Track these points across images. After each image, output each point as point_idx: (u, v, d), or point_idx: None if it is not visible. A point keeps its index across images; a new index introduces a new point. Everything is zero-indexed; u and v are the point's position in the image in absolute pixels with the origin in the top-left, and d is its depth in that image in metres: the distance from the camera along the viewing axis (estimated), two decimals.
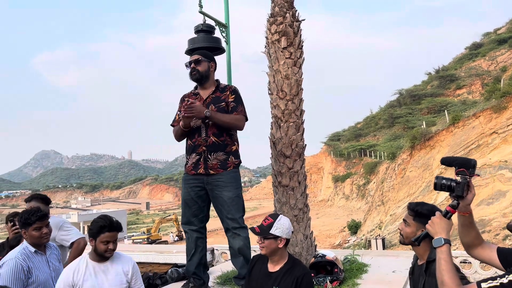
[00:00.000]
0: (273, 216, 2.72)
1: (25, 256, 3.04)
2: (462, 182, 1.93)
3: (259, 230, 2.64)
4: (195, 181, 3.73)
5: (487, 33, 64.04)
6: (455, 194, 1.94)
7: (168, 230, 57.27)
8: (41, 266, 3.12)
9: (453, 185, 1.94)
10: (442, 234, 1.96)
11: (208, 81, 3.82)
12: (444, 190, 1.97)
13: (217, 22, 6.23)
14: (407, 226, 2.47)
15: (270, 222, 2.65)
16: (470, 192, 1.95)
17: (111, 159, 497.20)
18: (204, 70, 3.78)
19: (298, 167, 4.45)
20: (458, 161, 1.97)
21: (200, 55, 3.83)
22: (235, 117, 3.70)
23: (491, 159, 22.53)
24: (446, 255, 1.90)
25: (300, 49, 4.60)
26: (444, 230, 1.97)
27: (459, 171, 1.96)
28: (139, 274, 3.12)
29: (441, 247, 1.93)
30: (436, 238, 1.96)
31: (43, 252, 3.18)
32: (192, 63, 3.79)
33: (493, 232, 18.78)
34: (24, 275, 2.98)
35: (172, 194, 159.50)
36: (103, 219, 2.85)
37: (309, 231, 4.53)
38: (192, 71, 3.79)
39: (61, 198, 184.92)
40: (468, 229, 2.07)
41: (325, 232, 36.42)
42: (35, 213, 3.12)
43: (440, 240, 1.94)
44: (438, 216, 2.00)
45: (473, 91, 47.29)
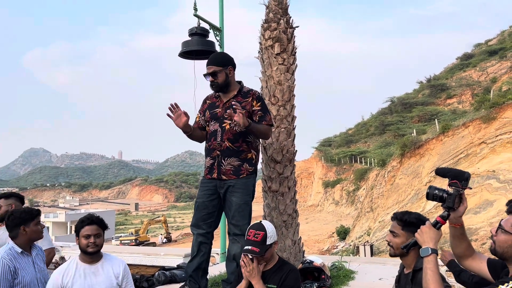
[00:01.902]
0: (260, 228, 2.66)
1: (11, 257, 3.01)
2: (454, 193, 1.95)
3: (258, 250, 2.59)
4: (209, 185, 3.68)
5: (478, 44, 64.98)
6: (446, 205, 1.97)
7: (156, 231, 56.92)
8: (27, 266, 3.08)
9: (445, 196, 1.97)
10: (430, 243, 1.97)
11: (229, 87, 3.69)
12: (436, 200, 2.00)
13: (211, 25, 6.26)
14: (396, 237, 2.43)
15: (263, 235, 2.62)
16: (462, 205, 1.97)
17: (101, 158, 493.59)
18: (223, 80, 3.64)
19: (289, 173, 4.46)
20: (451, 172, 1.99)
21: (215, 66, 3.63)
22: (267, 129, 3.66)
23: (479, 168, 22.77)
24: (433, 265, 1.91)
25: (293, 55, 4.63)
26: (432, 240, 1.98)
27: (452, 182, 1.98)
28: (130, 277, 3.10)
29: (428, 256, 1.94)
30: (423, 247, 1.97)
31: (28, 253, 3.15)
32: (210, 76, 3.64)
33: (480, 241, 18.97)
34: (11, 275, 2.95)
35: (161, 196, 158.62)
36: (85, 216, 2.90)
37: (298, 236, 4.54)
38: (212, 84, 3.66)
39: (48, 196, 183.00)
40: (459, 240, 2.10)
41: (314, 237, 36.47)
42: (33, 209, 3.16)
43: (427, 250, 1.95)
44: (428, 225, 2.01)
45: (463, 101, 47.80)
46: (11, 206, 3.69)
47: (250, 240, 2.64)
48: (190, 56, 6.09)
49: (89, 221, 2.85)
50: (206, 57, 6.19)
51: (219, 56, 3.82)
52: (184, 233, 51.43)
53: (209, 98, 3.84)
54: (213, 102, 3.77)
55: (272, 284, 2.63)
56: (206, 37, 6.07)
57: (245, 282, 2.67)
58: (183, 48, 5.98)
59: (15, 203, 3.73)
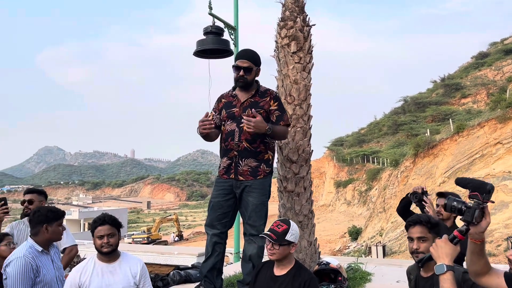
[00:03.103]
0: (286, 222, 2.69)
1: (33, 255, 3.01)
2: (473, 207, 1.79)
3: (275, 237, 2.61)
4: (224, 185, 3.63)
5: (494, 42, 63.96)
6: (464, 219, 1.81)
7: (168, 230, 57.26)
8: (48, 265, 3.10)
9: (464, 209, 1.81)
10: (445, 260, 1.84)
11: (251, 86, 3.66)
12: (454, 213, 1.85)
13: (226, 24, 6.23)
14: (425, 242, 2.34)
15: (285, 229, 2.63)
16: (484, 219, 1.81)
17: (114, 157, 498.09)
18: (252, 79, 3.61)
19: (304, 173, 4.41)
20: (472, 183, 1.83)
21: (251, 62, 3.57)
22: (284, 131, 3.64)
23: (495, 169, 22.43)
24: (450, 284, 1.79)
25: (309, 54, 4.58)
26: (448, 256, 1.84)
27: (472, 194, 1.82)
28: (148, 276, 3.09)
29: (444, 274, 1.81)
30: (438, 264, 1.84)
31: (47, 251, 3.16)
32: (242, 70, 3.55)
33: (495, 243, 18.67)
34: (33, 273, 2.95)
35: (173, 194, 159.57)
36: (98, 216, 2.90)
37: (313, 237, 4.49)
38: (240, 78, 3.57)
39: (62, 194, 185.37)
40: (478, 257, 1.94)
41: (325, 238, 36.30)
42: (59, 210, 3.17)
43: (442, 267, 1.82)
44: (444, 240, 1.88)
45: (478, 101, 47.15)
46: (42, 203, 3.75)
47: (271, 228, 2.66)
48: (204, 55, 6.08)
49: (101, 221, 2.85)
50: (221, 56, 6.22)
51: (254, 54, 3.68)
52: (196, 232, 51.64)
53: (225, 97, 3.76)
54: (230, 101, 3.69)
55: None
56: (221, 35, 6.04)
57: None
58: (198, 47, 5.96)
59: (44, 201, 3.81)
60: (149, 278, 3.10)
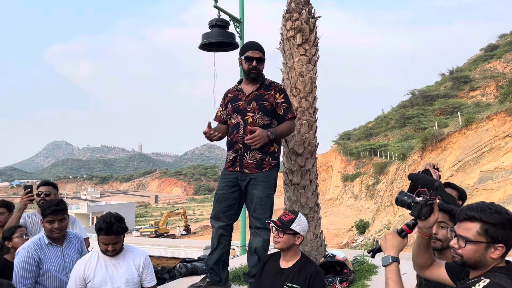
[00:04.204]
0: (293, 213, 2.71)
1: (37, 247, 3.05)
2: (421, 203, 1.85)
3: (280, 224, 2.63)
4: (230, 177, 3.65)
5: (503, 34, 63.13)
6: (412, 213, 1.87)
7: (176, 223, 57.56)
8: (54, 258, 3.12)
9: (412, 204, 1.87)
10: (392, 252, 1.89)
11: (259, 78, 3.67)
12: (404, 207, 1.91)
13: (231, 17, 6.21)
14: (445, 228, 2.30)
15: (291, 218, 2.65)
16: (433, 215, 1.87)
17: (121, 151, 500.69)
18: (262, 70, 3.64)
19: (310, 166, 4.40)
20: (422, 180, 1.93)
21: (262, 53, 3.61)
22: (290, 126, 3.63)
23: (504, 162, 22.22)
24: (394, 275, 1.84)
25: (315, 46, 4.55)
26: (395, 248, 1.89)
27: (421, 190, 1.89)
28: (151, 267, 3.11)
29: (389, 265, 1.86)
30: (385, 255, 1.90)
31: (59, 244, 3.19)
32: (255, 60, 3.57)
33: None
34: (36, 265, 2.99)
35: (181, 188, 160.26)
36: (105, 220, 2.79)
37: (319, 230, 4.49)
38: (253, 69, 3.58)
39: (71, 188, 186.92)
40: (424, 250, 2.00)
41: (332, 231, 36.31)
42: (50, 206, 3.11)
43: (388, 259, 1.87)
44: (393, 232, 1.94)
45: (487, 93, 46.66)
46: (56, 196, 3.82)
47: (279, 217, 2.69)
48: (210, 48, 6.06)
49: (106, 231, 2.77)
50: (226, 49, 6.20)
51: (261, 46, 3.72)
52: (203, 225, 51.87)
53: (231, 92, 3.80)
54: (235, 95, 3.72)
55: (296, 284, 2.58)
56: (227, 28, 6.03)
57: None
58: (204, 40, 5.95)
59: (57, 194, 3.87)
60: (153, 270, 3.12)
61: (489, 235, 1.65)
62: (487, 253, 1.66)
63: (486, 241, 1.66)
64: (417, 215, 1.86)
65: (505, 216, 1.65)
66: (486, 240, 1.66)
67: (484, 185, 22.00)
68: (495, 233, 1.64)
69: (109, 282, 2.88)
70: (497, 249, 1.65)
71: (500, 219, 1.64)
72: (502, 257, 1.68)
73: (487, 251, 1.66)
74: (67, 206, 3.32)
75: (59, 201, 3.25)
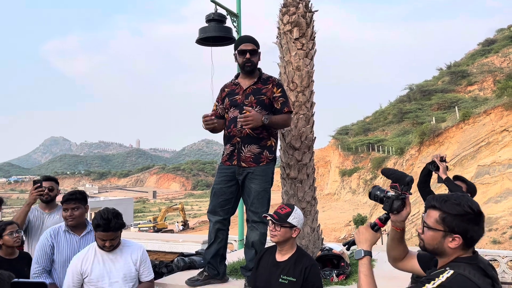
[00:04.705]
0: (290, 206, 2.73)
1: (54, 233, 3.24)
2: (391, 197, 1.88)
3: (277, 217, 2.65)
4: (227, 171, 3.64)
5: (501, 29, 63.11)
6: (383, 208, 1.90)
7: (174, 219, 57.62)
8: (67, 245, 3.24)
9: (384, 199, 1.90)
10: (364, 245, 1.91)
11: (255, 71, 3.66)
12: (377, 201, 1.94)
13: (228, 11, 6.19)
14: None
15: (288, 211, 2.67)
16: (405, 209, 1.90)
17: (119, 147, 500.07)
18: (257, 62, 3.62)
19: (307, 160, 4.41)
20: (394, 175, 1.92)
21: (254, 45, 3.59)
22: (285, 118, 3.62)
23: (501, 157, 22.32)
24: (366, 269, 1.85)
25: (312, 40, 4.54)
26: (367, 242, 1.91)
27: (393, 185, 1.91)
28: (149, 261, 3.11)
29: (362, 259, 1.88)
30: (358, 249, 1.91)
31: (76, 233, 3.31)
32: (248, 53, 3.55)
33: (500, 230, 18.65)
34: (50, 250, 3.19)
35: (179, 184, 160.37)
36: (102, 216, 2.80)
37: (316, 224, 4.51)
38: (247, 62, 3.56)
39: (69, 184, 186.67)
40: (397, 243, 2.03)
41: (330, 226, 36.41)
42: (65, 196, 3.30)
43: (360, 253, 1.89)
44: (366, 226, 1.95)
45: (485, 88, 46.71)
46: (59, 191, 3.95)
47: (275, 210, 2.70)
48: (207, 43, 6.05)
49: (104, 227, 2.79)
50: (223, 44, 6.19)
51: (254, 38, 3.71)
52: (201, 221, 51.95)
53: (228, 86, 3.79)
54: (233, 90, 3.71)
55: (291, 277, 2.59)
56: (223, 23, 6.01)
57: None
58: (200, 35, 5.94)
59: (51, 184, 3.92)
60: (150, 264, 3.13)
61: (446, 224, 1.67)
62: (445, 241, 1.68)
63: (443, 229, 1.68)
64: (389, 209, 1.89)
65: (465, 209, 1.65)
66: (443, 228, 1.68)
67: (481, 179, 22.09)
68: (451, 223, 1.66)
69: (106, 277, 2.89)
70: (454, 239, 1.67)
71: (459, 211, 1.66)
72: (466, 248, 1.69)
73: (444, 239, 1.68)
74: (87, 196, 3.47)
75: (76, 191, 3.40)
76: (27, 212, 3.67)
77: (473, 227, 1.66)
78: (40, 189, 3.69)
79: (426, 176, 3.93)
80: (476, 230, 1.67)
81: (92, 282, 2.87)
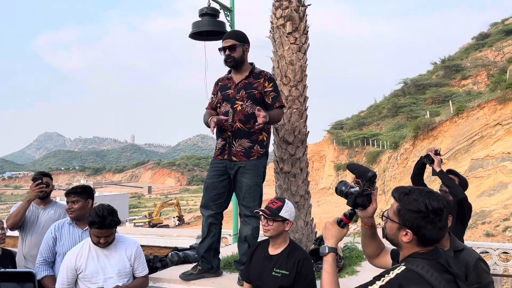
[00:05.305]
0: (281, 200, 2.75)
1: (58, 226, 3.34)
2: (354, 193, 1.85)
3: (269, 212, 2.66)
4: (219, 166, 3.65)
5: (495, 23, 63.29)
6: (347, 203, 1.88)
7: (169, 214, 57.61)
8: (69, 238, 3.30)
9: (348, 194, 1.87)
10: (329, 241, 1.88)
11: (243, 65, 3.65)
12: (342, 197, 1.91)
13: (221, 5, 6.17)
14: None
15: (279, 205, 2.68)
16: (371, 205, 1.87)
17: (114, 142, 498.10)
18: (240, 56, 3.60)
19: (300, 154, 4.42)
20: (358, 170, 1.89)
21: (234, 40, 3.59)
22: (279, 113, 3.63)
23: (494, 150, 22.46)
24: (329, 266, 1.82)
25: (305, 34, 4.54)
26: (333, 238, 1.88)
27: (356, 181, 1.88)
28: (143, 257, 3.12)
29: (325, 256, 1.85)
30: (323, 245, 1.88)
31: (79, 227, 3.36)
32: (227, 49, 3.57)
33: (493, 223, 18.81)
34: (53, 242, 3.28)
35: (174, 179, 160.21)
36: (98, 213, 2.80)
37: (310, 218, 4.53)
38: (227, 58, 3.59)
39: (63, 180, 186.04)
40: (369, 240, 2.01)
41: (325, 220, 36.43)
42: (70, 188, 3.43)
43: (325, 249, 1.86)
44: (332, 222, 1.93)
45: (479, 82, 46.90)
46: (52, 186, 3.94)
47: (267, 205, 2.72)
48: (200, 37, 6.03)
49: (99, 224, 2.80)
50: (217, 38, 6.17)
51: (237, 32, 3.75)
52: (197, 216, 51.94)
53: (221, 80, 3.81)
54: (225, 84, 3.73)
55: (284, 270, 2.61)
56: (217, 17, 5.99)
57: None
58: (194, 29, 5.91)
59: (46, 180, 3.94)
60: (144, 259, 3.14)
61: (400, 217, 1.66)
62: (399, 234, 1.67)
63: (398, 222, 1.67)
64: (351, 205, 1.86)
65: (419, 206, 1.62)
66: (398, 221, 1.67)
67: (474, 173, 22.24)
68: (404, 216, 1.64)
69: (101, 272, 2.89)
70: (407, 233, 1.64)
71: (413, 207, 1.63)
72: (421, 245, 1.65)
73: (399, 232, 1.67)
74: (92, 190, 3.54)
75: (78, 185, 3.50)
76: (26, 208, 3.71)
77: (426, 225, 1.62)
78: (41, 185, 3.74)
79: (419, 169, 3.97)
80: (430, 229, 1.62)
81: (86, 278, 2.87)
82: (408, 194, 1.67)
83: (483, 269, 2.32)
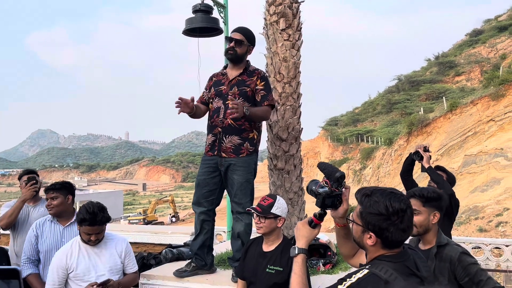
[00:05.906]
0: (272, 197, 2.75)
1: (39, 224, 3.33)
2: (322, 193, 1.80)
3: (260, 209, 2.67)
4: (210, 162, 3.65)
5: (488, 19, 63.57)
6: (316, 204, 1.83)
7: (164, 211, 57.53)
8: (50, 235, 3.29)
9: (317, 194, 1.82)
10: (300, 242, 1.83)
11: (240, 63, 3.66)
12: (313, 196, 1.86)
13: (215, 2, 6.15)
14: (418, 215, 2.37)
15: (271, 202, 2.69)
16: (342, 206, 1.84)
17: (108, 139, 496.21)
18: (242, 53, 3.61)
19: (294, 151, 4.43)
20: (327, 170, 1.85)
21: (244, 36, 3.61)
22: (264, 111, 3.61)
23: (487, 146, 22.62)
24: (298, 267, 1.78)
25: (298, 31, 4.54)
26: (304, 239, 1.84)
27: (325, 181, 1.83)
28: (132, 254, 3.13)
29: (295, 257, 1.81)
30: (293, 246, 1.84)
31: (60, 223, 3.36)
32: (234, 41, 3.59)
33: (486, 219, 18.96)
34: (35, 240, 3.27)
35: (168, 176, 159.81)
36: (88, 210, 2.79)
37: (304, 214, 4.55)
38: (230, 49, 3.59)
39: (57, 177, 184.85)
40: (344, 240, 1.98)
41: None
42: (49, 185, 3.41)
43: (294, 250, 1.82)
44: (303, 222, 1.88)
45: (472, 78, 47.14)
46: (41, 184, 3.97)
47: (258, 203, 2.73)
48: (194, 34, 6.01)
49: (90, 221, 2.79)
50: (210, 35, 6.16)
51: (249, 31, 3.73)
52: (192, 212, 51.87)
53: (215, 76, 3.81)
54: (219, 80, 3.73)
55: (278, 266, 2.62)
56: (210, 14, 5.97)
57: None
58: (187, 26, 5.89)
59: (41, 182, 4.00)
60: (134, 256, 3.15)
61: (362, 219, 1.62)
62: (364, 237, 1.63)
63: (361, 224, 1.63)
64: (320, 205, 1.82)
65: (379, 208, 1.57)
66: (361, 223, 1.63)
67: (468, 169, 22.39)
68: (366, 219, 1.60)
69: (92, 270, 2.89)
70: (370, 236, 1.60)
71: (374, 209, 1.58)
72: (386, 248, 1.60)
73: (363, 235, 1.63)
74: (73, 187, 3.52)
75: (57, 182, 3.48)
76: (21, 208, 3.74)
77: (388, 227, 1.56)
78: (35, 185, 3.76)
79: (409, 166, 3.99)
80: (393, 231, 1.56)
81: (78, 276, 2.85)
82: (370, 196, 1.61)
83: (468, 261, 2.32)
